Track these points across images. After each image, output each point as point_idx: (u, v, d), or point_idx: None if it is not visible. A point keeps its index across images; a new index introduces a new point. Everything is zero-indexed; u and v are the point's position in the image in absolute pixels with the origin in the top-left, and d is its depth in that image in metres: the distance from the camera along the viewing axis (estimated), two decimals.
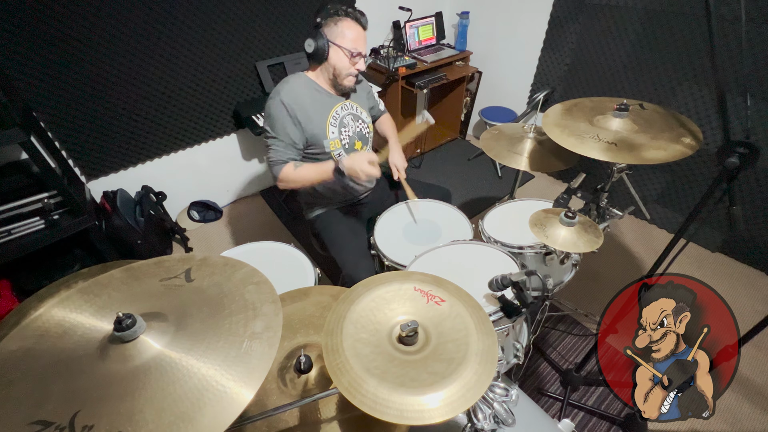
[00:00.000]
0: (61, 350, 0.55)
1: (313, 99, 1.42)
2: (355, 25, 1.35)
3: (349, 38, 1.34)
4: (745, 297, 2.02)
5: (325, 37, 1.33)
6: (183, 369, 0.53)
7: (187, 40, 2.05)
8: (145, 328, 0.57)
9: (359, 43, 1.37)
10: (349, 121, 1.52)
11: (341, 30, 1.33)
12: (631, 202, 2.45)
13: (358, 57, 1.38)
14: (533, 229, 1.13)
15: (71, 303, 0.62)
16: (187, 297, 0.64)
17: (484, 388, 0.60)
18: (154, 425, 0.47)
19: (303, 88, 1.40)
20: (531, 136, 1.55)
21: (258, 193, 2.91)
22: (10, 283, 1.75)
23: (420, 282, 0.77)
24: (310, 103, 1.40)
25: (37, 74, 1.74)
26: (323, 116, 1.45)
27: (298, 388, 0.82)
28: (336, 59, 1.37)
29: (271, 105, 1.38)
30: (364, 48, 1.39)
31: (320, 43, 1.33)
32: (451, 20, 3.08)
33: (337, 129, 1.48)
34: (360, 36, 1.36)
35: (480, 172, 3.01)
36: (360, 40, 1.37)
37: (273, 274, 0.68)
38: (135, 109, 2.08)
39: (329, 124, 1.46)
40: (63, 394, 0.49)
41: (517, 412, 0.83)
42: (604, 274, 2.14)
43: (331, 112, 1.46)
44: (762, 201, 2.00)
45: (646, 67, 2.17)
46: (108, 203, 2.06)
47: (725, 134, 0.94)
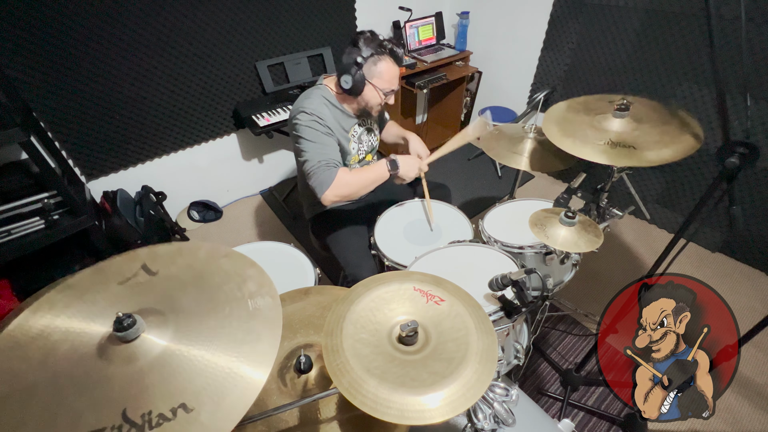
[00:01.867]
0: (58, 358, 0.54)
1: (335, 117, 1.41)
2: (393, 64, 1.34)
3: (386, 79, 1.34)
4: (745, 297, 2.02)
5: (362, 75, 1.31)
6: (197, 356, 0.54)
7: (187, 39, 2.05)
8: (146, 326, 0.56)
9: (394, 82, 1.37)
10: (364, 137, 1.55)
11: (380, 70, 1.32)
12: (631, 202, 2.45)
13: (391, 94, 1.39)
14: (533, 229, 1.13)
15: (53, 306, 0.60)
16: (164, 286, 0.63)
17: (484, 387, 0.60)
18: None
19: (325, 107, 1.38)
20: (531, 136, 1.55)
21: (258, 193, 2.91)
22: (10, 283, 1.75)
23: (419, 282, 0.77)
24: (332, 121, 1.39)
25: (37, 74, 1.74)
26: (346, 132, 1.46)
27: (298, 388, 0.82)
28: (370, 96, 1.37)
29: (301, 119, 1.31)
30: (397, 84, 1.39)
31: (357, 81, 1.31)
32: (451, 20, 3.08)
33: (357, 145, 1.51)
34: (396, 75, 1.36)
35: (480, 172, 3.01)
36: (395, 79, 1.37)
37: (273, 274, 0.68)
38: (135, 109, 2.08)
39: (351, 141, 1.48)
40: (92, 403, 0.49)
41: (517, 412, 0.83)
42: (604, 274, 2.14)
43: (350, 130, 1.48)
44: (762, 201, 2.00)
45: (646, 67, 2.17)
46: (108, 203, 2.06)
47: (725, 134, 0.94)
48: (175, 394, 0.49)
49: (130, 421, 0.46)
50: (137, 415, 0.47)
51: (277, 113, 2.28)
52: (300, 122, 1.32)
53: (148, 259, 0.68)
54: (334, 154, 1.34)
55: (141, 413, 0.47)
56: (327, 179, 1.27)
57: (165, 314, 0.59)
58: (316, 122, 1.31)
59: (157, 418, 0.46)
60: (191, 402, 0.48)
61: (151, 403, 0.48)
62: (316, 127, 1.31)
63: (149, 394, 0.49)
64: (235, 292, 0.61)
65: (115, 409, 0.47)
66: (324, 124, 1.32)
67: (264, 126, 2.20)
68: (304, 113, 1.31)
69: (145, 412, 0.47)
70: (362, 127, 1.53)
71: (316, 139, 1.31)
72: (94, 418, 0.47)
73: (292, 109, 1.38)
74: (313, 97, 1.37)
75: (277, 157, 2.88)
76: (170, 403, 0.48)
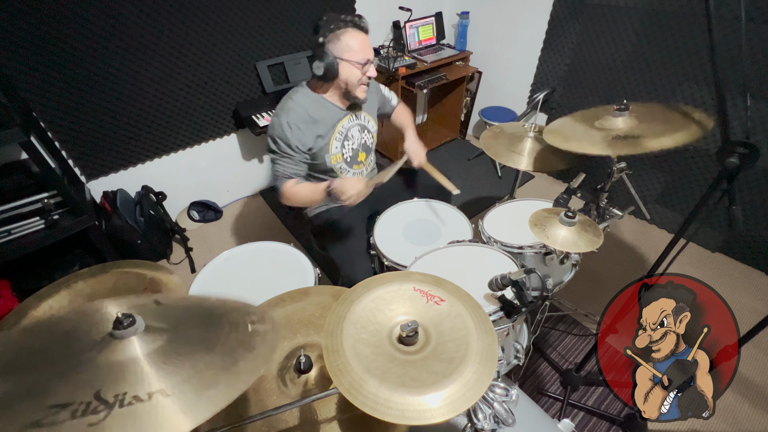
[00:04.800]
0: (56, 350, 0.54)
1: (320, 115, 1.40)
2: (358, 33, 1.30)
3: (355, 49, 1.30)
4: (745, 297, 2.02)
5: (331, 54, 1.29)
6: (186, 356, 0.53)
7: (187, 39, 2.05)
8: (144, 326, 0.56)
9: (366, 50, 1.33)
10: (355, 133, 1.52)
11: (346, 43, 1.29)
12: (631, 202, 2.44)
13: (368, 64, 1.35)
14: (533, 229, 1.13)
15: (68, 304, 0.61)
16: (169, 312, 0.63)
17: (484, 387, 0.60)
18: None
19: (308, 106, 1.38)
20: (531, 135, 1.55)
21: (258, 193, 2.91)
22: (10, 283, 1.75)
23: (419, 282, 0.77)
24: (315, 120, 1.38)
25: (37, 74, 1.74)
26: (329, 132, 1.43)
27: (298, 388, 0.82)
28: (347, 73, 1.33)
29: (275, 124, 1.36)
30: (371, 53, 1.35)
31: (329, 63, 1.29)
32: (451, 20, 3.08)
33: (340, 143, 1.48)
34: (365, 43, 1.33)
35: (480, 172, 3.01)
36: (366, 47, 1.33)
37: (273, 274, 0.68)
38: (135, 109, 2.08)
39: (334, 139, 1.45)
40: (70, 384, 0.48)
41: (517, 412, 0.83)
42: (604, 274, 2.14)
43: (337, 127, 1.45)
44: (762, 201, 2.00)
45: (646, 67, 2.17)
46: (108, 203, 2.06)
47: (725, 134, 0.94)
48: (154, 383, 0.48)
49: (102, 399, 0.45)
50: (110, 395, 0.46)
51: None
52: (269, 128, 1.39)
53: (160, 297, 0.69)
54: (290, 170, 1.39)
55: (115, 393, 0.46)
56: (278, 187, 1.40)
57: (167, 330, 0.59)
58: (280, 141, 1.36)
59: (130, 399, 0.45)
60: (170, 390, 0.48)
61: (130, 387, 0.47)
62: (279, 147, 1.37)
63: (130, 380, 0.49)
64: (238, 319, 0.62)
65: (89, 389, 0.47)
66: (287, 143, 1.35)
67: (264, 126, 2.20)
68: (275, 117, 1.37)
69: (119, 393, 0.46)
70: (353, 122, 1.50)
71: (276, 156, 1.39)
72: (65, 395, 0.46)
73: (274, 112, 1.41)
74: (293, 97, 1.40)
75: None
76: (148, 389, 0.47)
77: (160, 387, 0.47)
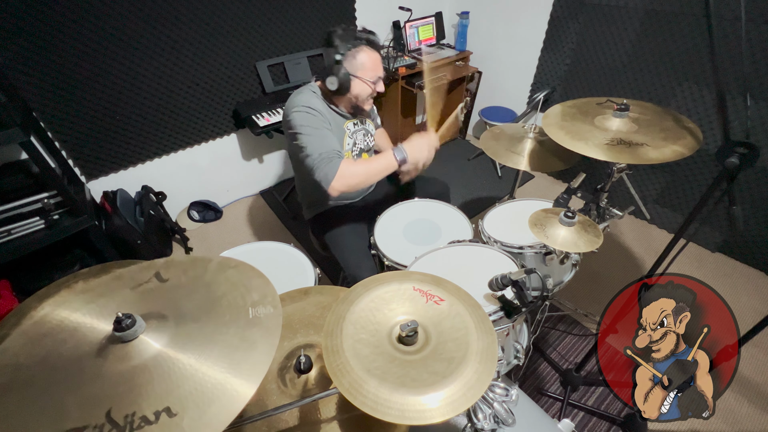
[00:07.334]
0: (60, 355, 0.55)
1: (331, 117, 1.42)
2: (372, 52, 1.35)
3: (369, 68, 1.34)
4: (745, 297, 2.02)
5: (345, 71, 1.31)
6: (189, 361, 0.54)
7: (187, 39, 2.05)
8: (145, 327, 0.57)
9: (378, 69, 1.38)
10: (360, 136, 1.55)
11: (361, 62, 1.33)
12: (631, 202, 2.45)
13: (379, 81, 1.40)
14: (533, 229, 1.13)
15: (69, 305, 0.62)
16: (171, 293, 0.65)
17: (484, 387, 0.60)
18: None
19: (317, 101, 1.39)
20: (531, 136, 1.55)
21: (258, 193, 2.91)
22: (10, 283, 1.75)
23: (419, 282, 0.77)
24: (326, 114, 1.39)
25: (37, 74, 1.74)
26: (341, 129, 1.46)
27: (298, 388, 0.82)
28: (359, 90, 1.38)
29: (297, 104, 1.32)
30: (382, 71, 1.40)
31: (343, 79, 1.31)
32: (451, 20, 3.08)
33: (352, 141, 1.51)
34: (378, 62, 1.37)
35: (480, 172, 3.01)
36: (378, 66, 1.37)
37: (273, 274, 0.68)
38: (135, 109, 2.08)
39: (346, 136, 1.48)
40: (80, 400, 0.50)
41: (517, 412, 0.83)
42: (604, 274, 2.14)
43: (345, 131, 1.48)
44: (762, 201, 2.00)
45: (646, 67, 2.17)
46: (108, 203, 2.06)
47: (725, 134, 0.94)
48: (162, 396, 0.50)
49: (113, 422, 0.47)
50: (120, 416, 0.47)
51: (277, 113, 2.28)
52: (294, 118, 1.32)
53: (162, 268, 0.70)
54: (334, 144, 1.31)
55: (125, 414, 0.48)
56: (330, 171, 1.25)
57: (168, 319, 0.60)
58: (310, 115, 1.31)
59: (139, 421, 0.47)
60: (176, 406, 0.49)
61: (137, 404, 0.49)
62: (311, 121, 1.30)
63: (137, 394, 0.50)
64: (238, 301, 0.63)
65: (101, 408, 0.48)
66: (318, 114, 1.33)
67: (264, 126, 2.20)
68: (297, 108, 1.32)
69: (128, 413, 0.48)
70: (357, 126, 1.53)
71: (313, 132, 1.30)
72: (79, 416, 0.48)
73: (285, 108, 1.39)
74: (305, 92, 1.39)
75: (277, 157, 2.88)
76: (155, 405, 0.49)
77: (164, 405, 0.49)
